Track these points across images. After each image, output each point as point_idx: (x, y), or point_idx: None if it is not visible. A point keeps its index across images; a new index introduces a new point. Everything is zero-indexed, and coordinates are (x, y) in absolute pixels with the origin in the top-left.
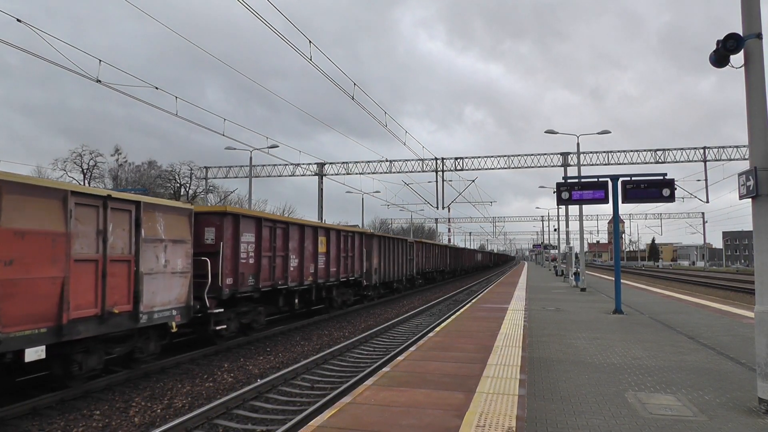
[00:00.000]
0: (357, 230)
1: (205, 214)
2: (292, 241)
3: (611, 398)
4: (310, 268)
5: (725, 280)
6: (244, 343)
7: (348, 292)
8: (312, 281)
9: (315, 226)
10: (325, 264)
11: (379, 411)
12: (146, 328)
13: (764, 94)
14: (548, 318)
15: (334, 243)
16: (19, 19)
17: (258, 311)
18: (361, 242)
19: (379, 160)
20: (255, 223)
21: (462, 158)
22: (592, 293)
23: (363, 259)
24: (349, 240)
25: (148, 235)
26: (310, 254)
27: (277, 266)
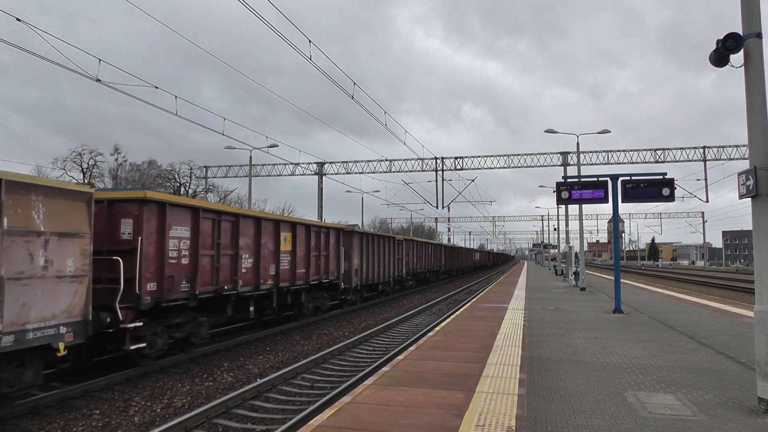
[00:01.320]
0: (333, 226)
1: (120, 201)
2: (244, 238)
3: (611, 398)
4: (269, 270)
5: (725, 280)
6: (244, 343)
7: (322, 296)
8: (272, 284)
9: (276, 219)
10: (291, 264)
11: (379, 410)
12: (16, 353)
13: (764, 94)
14: (548, 317)
15: (303, 240)
16: (18, 18)
17: (198, 322)
18: (338, 239)
19: (379, 159)
20: (190, 214)
21: (462, 158)
22: (591, 293)
23: (340, 258)
24: (323, 237)
25: (14, 226)
26: (270, 253)
27: (222, 267)
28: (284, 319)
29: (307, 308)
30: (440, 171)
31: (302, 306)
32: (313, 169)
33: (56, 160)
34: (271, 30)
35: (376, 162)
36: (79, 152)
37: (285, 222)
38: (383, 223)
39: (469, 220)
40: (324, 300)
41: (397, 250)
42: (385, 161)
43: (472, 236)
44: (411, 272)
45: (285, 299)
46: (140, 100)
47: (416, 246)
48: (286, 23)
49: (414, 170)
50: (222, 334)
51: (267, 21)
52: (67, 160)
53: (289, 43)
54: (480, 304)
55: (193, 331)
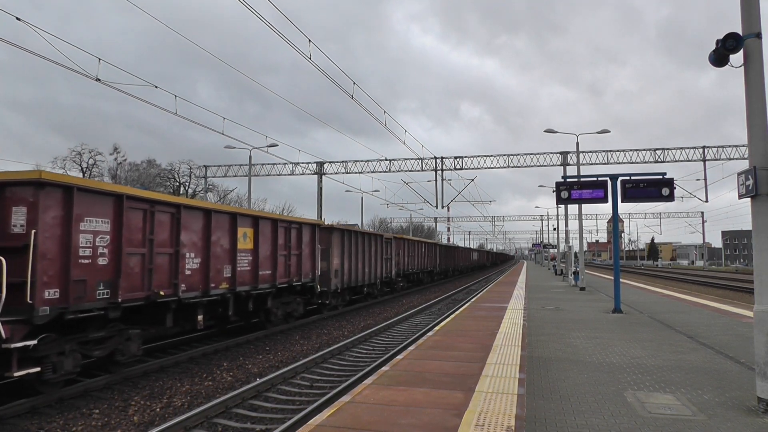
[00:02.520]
0: (307, 221)
1: (10, 184)
2: (188, 233)
3: (610, 397)
4: (223, 271)
5: (724, 280)
6: (243, 342)
7: (295, 301)
8: (228, 288)
9: (232, 212)
10: (252, 265)
11: (379, 410)
12: None
13: (764, 94)
14: (547, 317)
15: (268, 237)
16: (18, 17)
17: (126, 336)
18: (314, 237)
19: (378, 159)
20: (112, 203)
21: (461, 157)
22: (591, 292)
23: (316, 258)
24: (294, 234)
25: None
26: (225, 252)
27: (157, 269)
28: (251, 328)
29: (275, 315)
30: (440, 171)
31: (269, 313)
32: (312, 169)
33: (56, 159)
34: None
35: (376, 162)
36: (78, 151)
37: (244, 216)
38: (383, 223)
39: (469, 219)
40: (297, 305)
41: (385, 249)
42: (385, 161)
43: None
44: (402, 273)
45: (245, 305)
46: (140, 100)
47: (407, 245)
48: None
49: (414, 170)
50: (221, 334)
51: (265, 19)
52: (66, 159)
53: (288, 42)
54: (479, 304)
55: (120, 347)
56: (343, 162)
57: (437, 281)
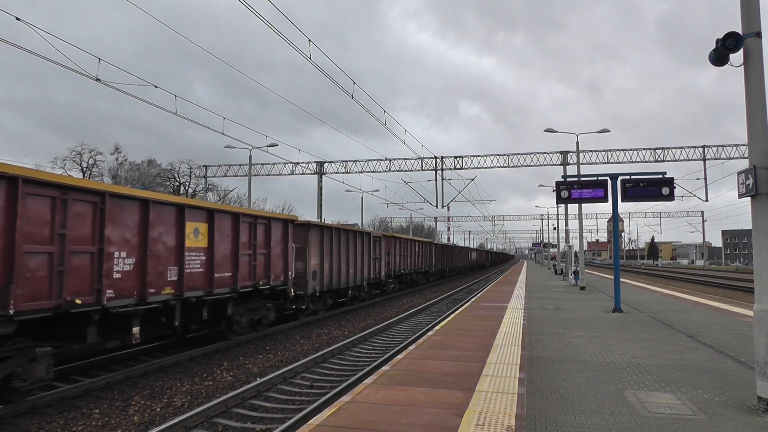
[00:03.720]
0: (277, 216)
1: None
2: (118, 228)
3: (610, 397)
4: (167, 274)
5: (724, 279)
6: (243, 342)
7: (264, 306)
8: (173, 294)
9: (179, 204)
10: (206, 266)
11: (379, 410)
12: None
13: (764, 93)
14: (548, 317)
15: (227, 233)
16: (18, 17)
17: (30, 356)
18: (286, 234)
19: (378, 158)
20: (4, 188)
21: (461, 157)
22: (591, 292)
23: (289, 258)
24: (261, 230)
25: None
26: (169, 250)
27: (72, 271)
28: (211, 339)
29: (238, 323)
30: (440, 170)
31: (231, 321)
32: (312, 169)
33: (56, 159)
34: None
35: (376, 161)
36: (78, 151)
37: (195, 208)
38: (383, 223)
39: (469, 219)
40: (267, 311)
41: (373, 248)
42: (385, 160)
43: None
44: (393, 274)
45: (198, 313)
46: (139, 99)
47: (399, 244)
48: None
49: (414, 169)
50: (220, 334)
51: (264, 18)
52: (66, 159)
53: (288, 42)
54: (480, 303)
55: (19, 370)
56: (343, 162)
57: (433, 282)
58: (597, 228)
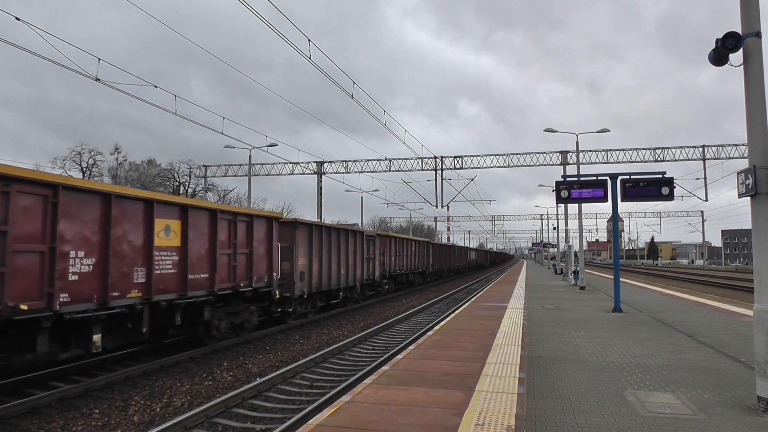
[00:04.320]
0: (260, 213)
1: None
2: (73, 224)
3: (610, 397)
4: (133, 275)
5: (724, 279)
6: (243, 342)
7: (247, 310)
8: (141, 297)
9: (146, 198)
10: (179, 267)
11: (379, 409)
12: None
13: (763, 93)
14: (547, 316)
15: (204, 232)
16: (18, 17)
17: None
18: (270, 233)
19: (378, 158)
20: None
21: (461, 157)
22: (591, 291)
23: (273, 258)
24: (242, 228)
25: None
26: (135, 250)
27: (16, 273)
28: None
29: (217, 328)
30: (440, 170)
31: (209, 325)
32: (312, 169)
33: (55, 159)
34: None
35: (376, 161)
36: (78, 151)
37: (165, 204)
38: (383, 222)
39: (469, 219)
40: (250, 315)
41: (366, 247)
42: (385, 160)
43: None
44: (388, 274)
45: (170, 318)
46: (139, 99)
47: (394, 243)
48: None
49: (413, 169)
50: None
51: (263, 18)
52: (66, 159)
53: (288, 42)
54: (479, 303)
55: None
56: (343, 161)
57: (430, 283)
58: (597, 228)
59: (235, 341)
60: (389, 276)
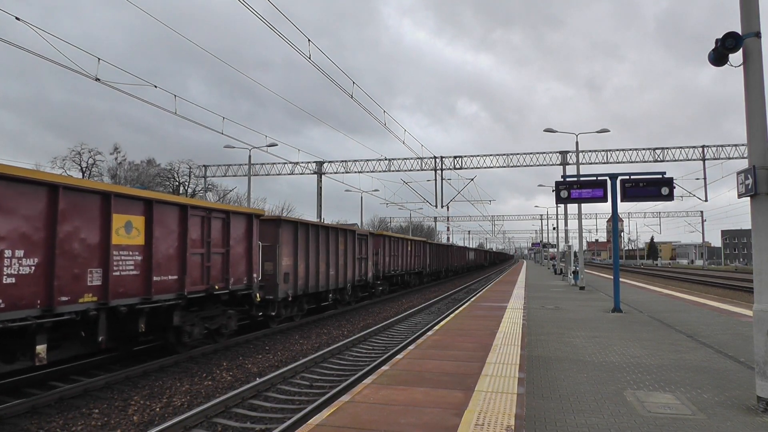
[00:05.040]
0: (239, 210)
1: None
2: (7, 219)
3: (610, 397)
4: (86, 277)
5: (724, 279)
6: (243, 342)
7: (225, 314)
8: (96, 302)
9: (102, 191)
10: (142, 268)
11: (378, 409)
12: None
13: (763, 93)
14: (547, 316)
15: (173, 229)
16: (17, 17)
17: None
18: (250, 231)
19: (378, 158)
20: None
21: (461, 157)
22: (590, 292)
23: (255, 258)
24: (218, 225)
25: None
26: (89, 249)
27: None
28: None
29: (188, 334)
30: (439, 170)
31: (180, 332)
32: (312, 169)
33: (55, 159)
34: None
35: (375, 161)
36: (78, 151)
37: (127, 198)
38: (382, 222)
39: (469, 219)
40: (228, 319)
41: (359, 247)
42: (384, 160)
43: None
44: (382, 275)
45: (132, 324)
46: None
47: (389, 243)
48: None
49: (413, 169)
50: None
51: (262, 16)
52: (66, 159)
53: (287, 42)
54: (479, 303)
55: None
56: (343, 161)
57: (427, 284)
58: (596, 228)
59: (235, 341)
60: (383, 277)
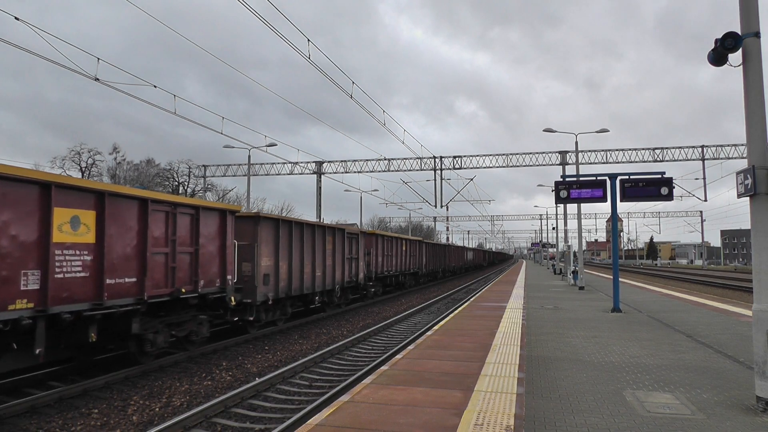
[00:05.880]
0: (210, 205)
1: None
2: None
3: (609, 396)
4: (20, 280)
5: (723, 279)
6: (243, 342)
7: (195, 320)
8: (32, 308)
9: (41, 181)
10: (92, 269)
11: (378, 409)
12: None
13: (762, 93)
14: (547, 316)
15: (131, 227)
16: (17, 17)
17: None
18: (223, 228)
19: (377, 158)
20: None
21: (460, 157)
22: (590, 292)
23: (229, 258)
24: (186, 222)
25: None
26: (24, 247)
27: None
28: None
29: (151, 343)
30: (439, 170)
31: (142, 340)
32: (311, 168)
33: (55, 159)
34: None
35: (375, 161)
36: (78, 151)
37: (72, 189)
38: (382, 222)
39: (468, 219)
40: (199, 325)
41: (349, 247)
42: (384, 160)
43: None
44: (374, 276)
45: (81, 333)
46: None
47: (382, 242)
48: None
49: (412, 169)
50: (220, 334)
51: (261, 15)
52: (66, 159)
53: (286, 41)
54: (479, 303)
55: None
56: (342, 161)
57: (424, 285)
58: (596, 228)
59: (234, 341)
60: (376, 278)
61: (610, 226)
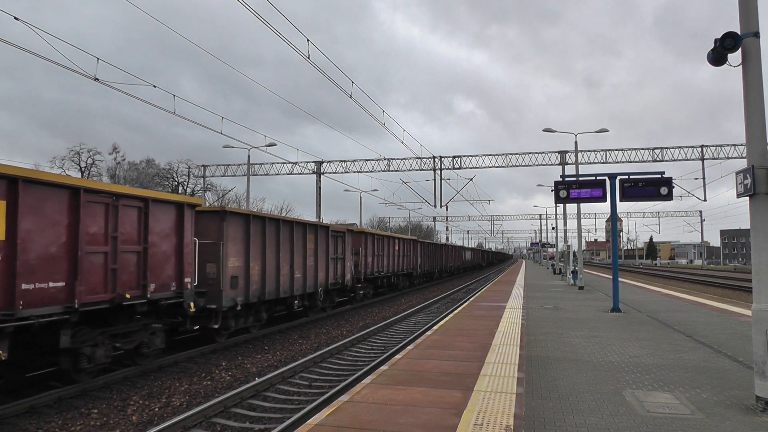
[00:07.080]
0: (164, 197)
1: None
2: None
3: (609, 396)
4: None
5: (723, 278)
6: (242, 342)
7: (147, 329)
8: None
9: None
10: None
11: (377, 409)
12: None
13: (762, 93)
14: (546, 316)
15: (58, 219)
16: (16, 17)
17: None
18: (181, 223)
19: (377, 158)
20: None
21: (460, 156)
22: (589, 291)
23: (188, 258)
24: (132, 217)
25: None
26: None
27: None
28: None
29: (88, 358)
30: (438, 170)
31: (77, 355)
32: (311, 168)
33: (54, 159)
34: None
35: (374, 161)
36: (77, 151)
37: None
38: (381, 222)
39: (468, 218)
40: (151, 336)
41: (334, 246)
42: (383, 160)
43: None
44: (363, 277)
45: None
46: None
47: (372, 241)
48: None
49: (412, 169)
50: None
51: (259, 14)
52: (65, 158)
53: (285, 40)
54: (478, 303)
55: None
56: (342, 161)
57: (418, 286)
58: (595, 228)
59: (234, 341)
60: (365, 279)
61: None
